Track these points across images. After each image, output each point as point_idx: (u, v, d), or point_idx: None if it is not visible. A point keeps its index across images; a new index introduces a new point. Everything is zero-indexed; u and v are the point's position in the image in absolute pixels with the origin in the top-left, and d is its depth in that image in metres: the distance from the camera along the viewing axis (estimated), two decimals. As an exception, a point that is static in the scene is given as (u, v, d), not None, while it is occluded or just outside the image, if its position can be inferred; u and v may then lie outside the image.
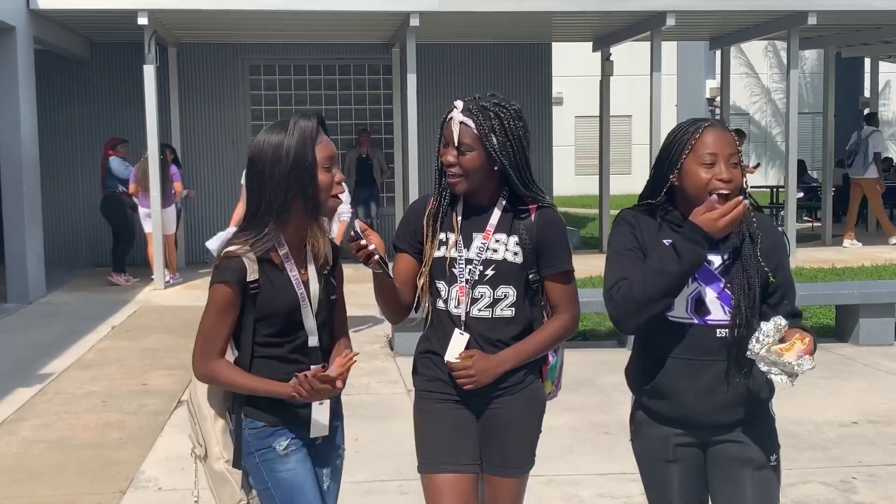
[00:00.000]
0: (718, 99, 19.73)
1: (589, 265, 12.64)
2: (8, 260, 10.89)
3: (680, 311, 2.66)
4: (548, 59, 15.42)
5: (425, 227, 2.91)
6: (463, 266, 2.85)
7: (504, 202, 2.88)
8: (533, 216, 2.87)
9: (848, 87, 21.43)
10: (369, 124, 14.76)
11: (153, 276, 11.64)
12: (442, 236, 2.88)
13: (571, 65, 24.24)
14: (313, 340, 2.72)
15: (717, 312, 2.65)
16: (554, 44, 15.68)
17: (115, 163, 12.09)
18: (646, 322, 2.63)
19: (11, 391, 6.90)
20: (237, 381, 2.66)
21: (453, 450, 2.88)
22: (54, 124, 13.79)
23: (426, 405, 2.95)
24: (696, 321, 2.66)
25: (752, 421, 2.72)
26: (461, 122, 2.79)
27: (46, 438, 5.85)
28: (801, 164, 16.52)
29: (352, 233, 2.65)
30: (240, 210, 8.74)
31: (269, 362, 2.70)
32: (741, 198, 2.58)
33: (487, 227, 2.86)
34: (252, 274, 2.63)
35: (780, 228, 2.82)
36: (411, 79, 12.03)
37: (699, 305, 2.66)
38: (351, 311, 3.02)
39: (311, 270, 2.74)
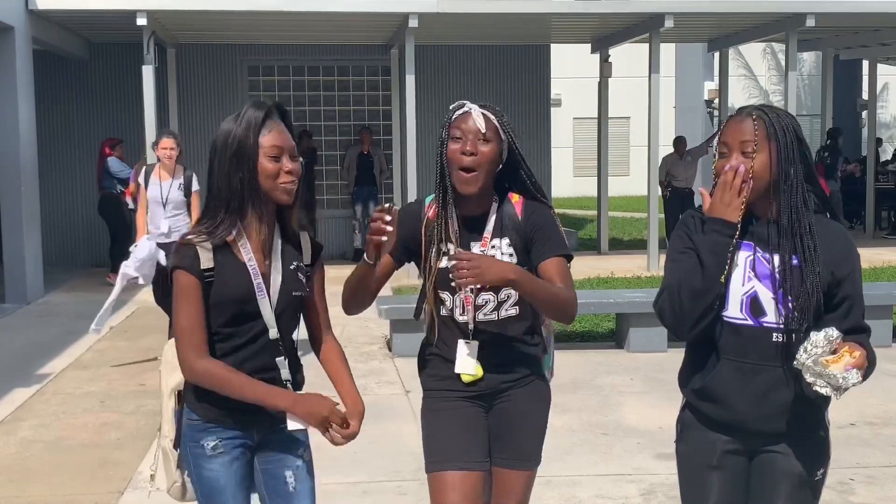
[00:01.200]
0: (717, 101, 19.73)
1: (587, 266, 12.68)
2: (6, 260, 10.88)
3: (734, 310, 2.59)
4: (546, 60, 15.43)
5: (424, 238, 2.89)
6: None
7: (496, 208, 2.88)
8: (519, 212, 2.88)
9: (846, 89, 21.45)
10: (368, 125, 14.76)
11: (151, 277, 11.63)
12: (442, 247, 2.87)
13: (570, 66, 24.25)
14: (273, 333, 2.66)
15: (774, 315, 2.56)
16: (552, 45, 15.69)
17: (115, 163, 12.09)
18: (695, 325, 2.58)
19: (9, 391, 6.90)
20: (233, 380, 2.58)
21: (462, 448, 2.87)
22: (53, 125, 13.79)
23: (434, 404, 2.94)
24: (751, 322, 2.58)
25: (805, 432, 2.65)
26: (482, 113, 2.80)
27: (44, 438, 5.85)
28: None
29: (386, 205, 2.63)
30: (141, 217, 7.89)
31: (223, 356, 2.64)
32: (727, 167, 2.53)
33: (485, 235, 2.87)
34: (206, 262, 2.60)
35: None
36: (410, 80, 12.03)
37: (755, 305, 2.58)
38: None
39: (276, 262, 2.69)
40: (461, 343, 2.84)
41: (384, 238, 2.64)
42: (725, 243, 2.55)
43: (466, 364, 2.84)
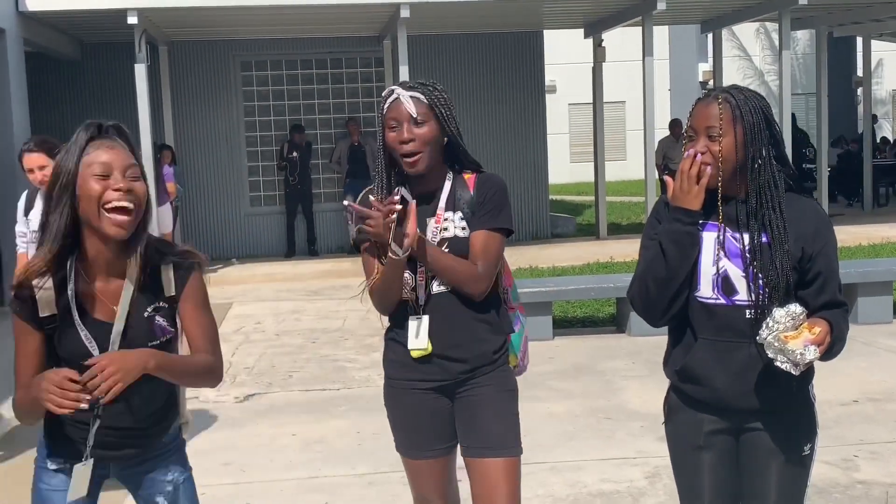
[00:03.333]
0: (712, 82, 19.70)
1: (585, 252, 12.69)
2: (2, 262, 10.86)
3: (707, 290, 2.62)
4: (540, 47, 15.41)
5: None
6: None
7: (449, 184, 2.88)
8: (471, 186, 2.89)
9: (840, 66, 21.44)
10: (362, 117, 14.75)
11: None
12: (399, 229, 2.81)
13: (564, 52, 24.22)
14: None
15: (745, 292, 2.58)
16: (545, 31, 15.66)
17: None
18: (666, 311, 2.66)
19: (7, 393, 6.88)
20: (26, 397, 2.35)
21: (428, 439, 2.97)
22: (46, 126, 13.71)
23: (398, 395, 3.01)
24: (723, 301, 2.60)
25: (787, 408, 2.65)
26: (411, 97, 2.78)
27: (49, 440, 5.85)
28: (805, 136, 16.33)
29: (395, 197, 2.61)
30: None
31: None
32: (688, 154, 2.55)
33: (437, 211, 2.87)
34: (46, 309, 2.29)
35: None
36: (403, 70, 12.01)
37: (726, 284, 2.60)
38: (349, 305, 2.98)
39: (122, 311, 2.32)
40: (411, 320, 2.86)
41: (394, 217, 2.64)
42: (687, 231, 2.58)
43: (418, 340, 2.86)
